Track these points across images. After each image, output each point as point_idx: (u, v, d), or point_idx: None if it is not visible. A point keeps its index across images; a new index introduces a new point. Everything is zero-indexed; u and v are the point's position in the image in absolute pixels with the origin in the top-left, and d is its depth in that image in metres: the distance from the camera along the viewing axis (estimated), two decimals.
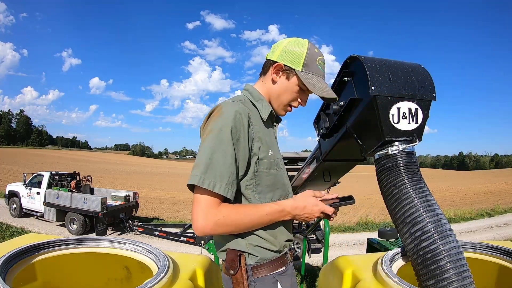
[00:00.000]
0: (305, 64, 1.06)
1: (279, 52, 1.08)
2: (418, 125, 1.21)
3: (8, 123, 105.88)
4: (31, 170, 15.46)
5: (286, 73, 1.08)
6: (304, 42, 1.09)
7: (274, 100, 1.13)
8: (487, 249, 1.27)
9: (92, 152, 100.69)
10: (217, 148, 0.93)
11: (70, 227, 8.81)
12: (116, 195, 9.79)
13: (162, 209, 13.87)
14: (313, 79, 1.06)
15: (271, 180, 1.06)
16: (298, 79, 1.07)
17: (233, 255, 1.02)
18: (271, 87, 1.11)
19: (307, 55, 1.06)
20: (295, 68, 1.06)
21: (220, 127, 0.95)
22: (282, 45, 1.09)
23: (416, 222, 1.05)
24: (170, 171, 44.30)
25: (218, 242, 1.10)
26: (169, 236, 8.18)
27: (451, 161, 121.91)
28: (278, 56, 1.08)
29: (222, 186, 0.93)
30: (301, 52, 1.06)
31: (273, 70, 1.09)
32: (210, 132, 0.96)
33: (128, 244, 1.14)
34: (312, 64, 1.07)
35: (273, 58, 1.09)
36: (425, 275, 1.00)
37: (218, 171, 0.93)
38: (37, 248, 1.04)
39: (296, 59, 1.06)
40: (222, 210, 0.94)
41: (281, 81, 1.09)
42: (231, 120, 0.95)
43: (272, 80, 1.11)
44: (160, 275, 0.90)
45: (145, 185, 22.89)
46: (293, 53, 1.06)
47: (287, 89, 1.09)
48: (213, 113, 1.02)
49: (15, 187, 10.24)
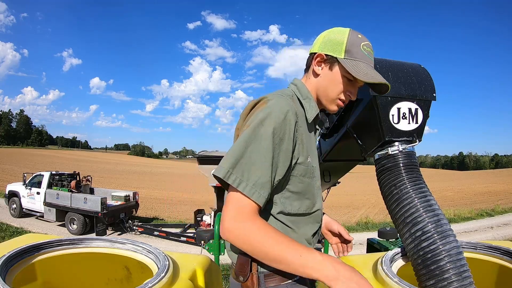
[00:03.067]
0: (347, 51, 0.97)
1: (320, 43, 1.01)
2: (418, 125, 1.21)
3: (8, 123, 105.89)
4: (31, 170, 15.46)
5: (328, 63, 0.99)
6: (345, 29, 1.00)
7: (322, 95, 1.03)
8: (487, 249, 1.27)
9: (92, 152, 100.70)
10: (253, 144, 0.83)
11: (70, 227, 8.82)
12: (116, 195, 9.79)
13: (162, 209, 13.87)
14: (357, 66, 0.96)
15: (301, 187, 0.96)
16: (342, 68, 0.97)
17: (244, 261, 0.92)
18: (315, 81, 1.03)
19: (349, 41, 0.97)
20: (337, 56, 0.97)
21: (261, 121, 0.85)
22: (323, 36, 1.02)
23: (416, 222, 1.05)
24: (170, 171, 44.31)
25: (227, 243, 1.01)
26: (169, 236, 8.18)
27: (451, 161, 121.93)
28: (319, 47, 1.01)
29: (248, 186, 0.81)
30: (341, 39, 0.98)
31: (315, 62, 1.01)
32: (249, 125, 0.86)
33: (128, 244, 1.14)
34: (355, 49, 0.97)
35: (314, 50, 1.02)
36: (425, 275, 1.00)
37: (247, 168, 0.82)
38: (37, 248, 1.04)
39: (337, 46, 0.98)
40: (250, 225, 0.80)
41: (324, 72, 1.00)
42: (276, 117, 0.85)
43: (314, 73, 1.02)
44: (160, 275, 0.90)
45: (145, 185, 22.89)
46: (334, 41, 0.98)
47: (331, 80, 0.99)
48: (257, 105, 0.92)
49: (15, 187, 10.25)
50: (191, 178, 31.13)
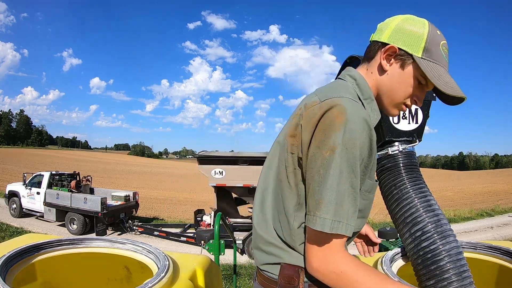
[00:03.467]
0: (426, 49, 0.80)
1: (390, 31, 0.82)
2: (418, 125, 1.21)
3: (8, 123, 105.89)
4: (31, 170, 15.46)
5: (400, 60, 0.82)
6: (424, 21, 0.83)
7: (385, 96, 0.86)
8: (487, 249, 1.27)
9: (92, 152, 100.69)
10: (344, 176, 0.71)
11: (70, 227, 8.82)
12: (116, 195, 9.80)
13: (162, 209, 13.88)
14: (437, 70, 0.80)
15: (364, 204, 0.84)
16: (417, 69, 0.81)
17: (292, 271, 0.81)
18: (379, 78, 0.85)
19: (429, 37, 0.80)
20: (413, 53, 0.80)
21: (345, 145, 0.70)
22: (395, 23, 0.83)
23: (416, 222, 1.05)
24: (170, 171, 44.31)
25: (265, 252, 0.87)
26: (169, 236, 8.19)
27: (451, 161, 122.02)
28: (389, 36, 0.82)
29: (349, 227, 0.72)
30: (421, 32, 0.80)
31: (383, 55, 0.82)
32: (333, 150, 0.70)
33: (128, 244, 1.14)
34: (435, 49, 0.80)
35: (382, 39, 0.83)
36: (425, 275, 1.00)
37: (346, 207, 0.71)
38: (37, 248, 1.04)
39: (414, 41, 0.80)
40: (342, 263, 0.74)
41: (393, 70, 0.83)
42: (360, 134, 0.72)
43: (381, 68, 0.84)
44: (160, 275, 0.90)
45: (145, 185, 22.89)
46: (410, 33, 0.80)
47: (401, 81, 0.83)
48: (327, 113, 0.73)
49: (15, 187, 10.25)
50: (191, 178, 31.13)
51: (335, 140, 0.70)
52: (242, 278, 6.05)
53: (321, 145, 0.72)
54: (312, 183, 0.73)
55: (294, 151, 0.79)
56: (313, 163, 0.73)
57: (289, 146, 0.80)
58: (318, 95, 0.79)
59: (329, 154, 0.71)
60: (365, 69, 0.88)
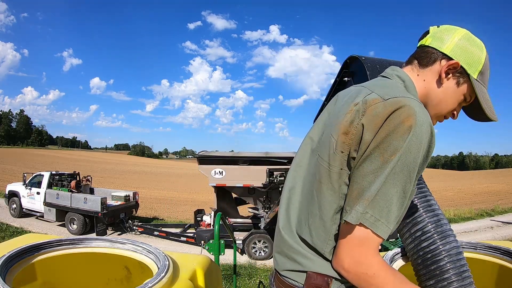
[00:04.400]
0: (481, 73, 0.82)
1: (453, 45, 0.82)
2: None
3: (8, 123, 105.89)
4: (31, 170, 15.47)
5: (457, 77, 0.82)
6: (482, 44, 0.85)
7: (432, 106, 0.85)
8: (487, 249, 1.27)
9: (92, 152, 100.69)
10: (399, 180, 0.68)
11: (70, 227, 8.82)
12: (116, 195, 9.80)
13: (162, 209, 13.88)
14: (484, 93, 0.84)
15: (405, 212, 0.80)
16: (469, 88, 0.83)
17: (321, 281, 0.77)
18: (432, 88, 0.84)
19: (486, 61, 0.83)
20: (471, 73, 0.81)
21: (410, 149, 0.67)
22: (457, 38, 0.83)
23: (416, 223, 1.05)
24: (170, 171, 44.32)
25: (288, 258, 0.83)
26: (169, 236, 8.19)
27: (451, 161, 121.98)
28: (452, 50, 0.82)
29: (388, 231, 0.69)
30: (480, 56, 0.82)
31: (445, 69, 0.81)
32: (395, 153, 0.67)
33: (128, 244, 1.14)
34: (486, 73, 0.84)
35: (444, 50, 0.82)
36: (425, 275, 1.00)
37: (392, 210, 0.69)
38: (37, 248, 1.04)
39: (474, 62, 0.81)
40: (375, 265, 0.71)
41: (449, 85, 0.83)
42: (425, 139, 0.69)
43: (438, 80, 0.83)
44: (160, 275, 0.90)
45: (145, 185, 22.90)
46: (472, 54, 0.82)
47: (452, 96, 0.84)
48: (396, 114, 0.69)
49: (15, 187, 10.25)
50: (191, 178, 31.14)
51: (400, 144, 0.67)
52: (242, 278, 6.06)
53: (382, 146, 0.68)
54: (362, 181, 0.70)
55: (345, 149, 0.73)
56: (369, 162, 0.69)
57: (339, 144, 0.74)
58: (376, 92, 0.74)
59: (391, 157, 0.67)
60: (415, 73, 0.86)
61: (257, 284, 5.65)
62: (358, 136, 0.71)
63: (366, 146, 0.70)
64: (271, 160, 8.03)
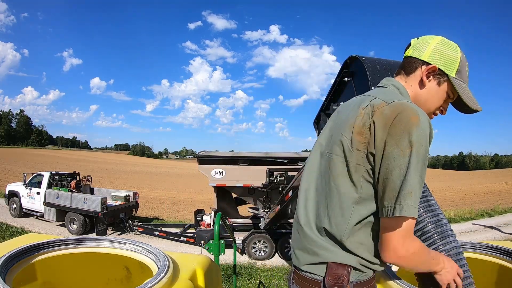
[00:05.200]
0: (458, 71, 0.96)
1: (430, 52, 0.96)
2: None
3: (8, 123, 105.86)
4: (31, 170, 15.47)
5: (437, 78, 0.97)
6: (457, 46, 0.99)
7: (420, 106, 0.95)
8: (487, 249, 1.27)
9: (92, 152, 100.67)
10: (419, 169, 0.81)
11: (70, 227, 8.82)
12: (116, 195, 9.80)
13: (162, 209, 13.88)
14: (464, 88, 0.97)
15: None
16: (449, 86, 0.97)
17: (342, 270, 0.87)
18: (418, 91, 0.98)
19: (461, 61, 0.96)
20: (448, 73, 0.96)
21: (421, 142, 0.81)
22: (433, 45, 0.97)
23: (416, 223, 1.06)
24: (170, 171, 44.32)
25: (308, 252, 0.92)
26: (169, 236, 8.19)
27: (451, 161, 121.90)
28: (430, 56, 0.96)
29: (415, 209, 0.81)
30: (456, 56, 0.96)
31: (425, 73, 0.96)
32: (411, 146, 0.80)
33: (128, 244, 1.14)
34: (464, 70, 0.97)
35: (423, 58, 0.97)
36: (425, 275, 1.00)
37: (418, 195, 0.81)
38: (37, 248, 1.04)
39: (450, 63, 0.96)
40: (416, 242, 0.86)
41: (431, 85, 0.97)
42: (428, 131, 0.83)
43: (421, 83, 0.98)
44: (160, 275, 0.90)
45: (145, 185, 22.90)
46: (448, 56, 0.96)
47: (435, 95, 0.98)
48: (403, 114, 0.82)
49: (15, 187, 10.24)
50: (191, 178, 31.14)
51: (412, 138, 0.80)
52: (242, 278, 6.06)
53: (399, 142, 0.81)
54: (391, 176, 0.81)
55: (361, 147, 0.85)
56: (392, 158, 0.81)
57: (355, 143, 0.86)
58: (380, 97, 0.88)
59: (408, 150, 0.80)
60: (403, 81, 1.01)
61: (257, 284, 5.65)
62: (371, 135, 0.84)
63: (381, 142, 0.83)
64: (271, 160, 8.03)
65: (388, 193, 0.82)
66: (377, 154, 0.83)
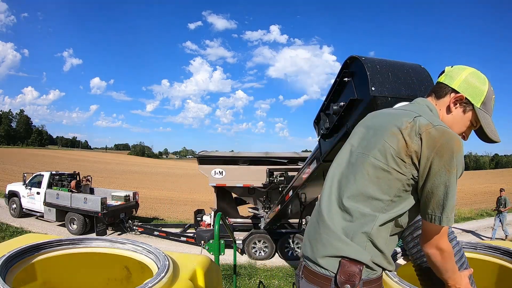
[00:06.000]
0: (484, 103, 1.04)
1: (460, 82, 1.05)
2: None
3: (8, 123, 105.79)
4: (31, 170, 15.46)
5: (463, 106, 1.05)
6: (485, 79, 1.06)
7: None
8: (487, 249, 1.27)
9: (92, 152, 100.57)
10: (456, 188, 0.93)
11: (70, 227, 8.81)
12: (116, 195, 9.79)
13: (162, 209, 13.87)
14: (487, 119, 1.05)
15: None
16: (474, 115, 1.05)
17: (355, 268, 0.90)
18: (445, 115, 1.07)
19: (488, 93, 1.04)
20: (474, 103, 1.04)
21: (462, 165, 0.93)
22: (464, 75, 1.05)
23: (418, 226, 1.06)
24: (170, 171, 44.29)
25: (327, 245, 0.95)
26: (169, 236, 8.18)
27: None
28: (459, 86, 1.04)
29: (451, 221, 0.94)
30: (483, 89, 1.04)
31: (453, 100, 1.05)
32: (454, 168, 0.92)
33: (128, 244, 1.14)
34: (489, 102, 1.05)
35: (453, 86, 1.05)
36: (427, 275, 1.01)
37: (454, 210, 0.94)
38: (37, 248, 1.04)
39: (477, 94, 1.03)
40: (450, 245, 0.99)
41: (457, 112, 1.05)
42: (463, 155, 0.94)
43: (448, 109, 1.06)
44: (160, 275, 0.90)
45: (145, 185, 22.88)
46: (476, 88, 1.04)
47: (460, 121, 1.06)
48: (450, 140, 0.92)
49: (15, 187, 10.24)
50: (191, 178, 31.13)
51: (455, 161, 0.91)
52: (242, 278, 6.05)
53: (447, 164, 0.91)
54: (437, 191, 0.92)
55: (404, 158, 0.93)
56: (439, 175, 0.91)
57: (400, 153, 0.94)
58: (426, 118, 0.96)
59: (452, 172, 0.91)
60: (434, 103, 1.08)
61: (257, 284, 5.65)
62: (418, 149, 0.92)
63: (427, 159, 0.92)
64: (271, 160, 8.02)
65: (433, 204, 0.92)
66: (421, 169, 0.92)
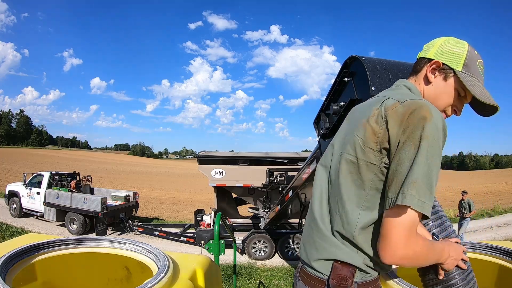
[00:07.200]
0: (465, 65, 0.94)
1: (435, 50, 0.97)
2: None
3: (8, 123, 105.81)
4: (31, 170, 15.46)
5: (443, 73, 0.95)
6: (465, 43, 0.97)
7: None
8: (487, 249, 1.27)
9: (92, 152, 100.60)
10: (433, 162, 0.79)
11: (70, 227, 8.81)
12: (116, 195, 9.80)
13: (162, 209, 13.88)
14: (474, 82, 0.93)
15: None
16: (457, 81, 0.94)
17: (346, 272, 0.87)
18: (425, 87, 0.98)
19: (468, 55, 0.94)
20: (454, 67, 0.94)
21: (434, 136, 0.79)
22: (438, 44, 0.98)
23: None
24: (170, 171, 44.30)
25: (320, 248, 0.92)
26: (169, 236, 8.19)
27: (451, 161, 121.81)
28: (435, 54, 0.97)
29: (430, 207, 0.78)
30: (461, 52, 0.95)
31: (429, 69, 0.96)
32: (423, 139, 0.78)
33: (128, 244, 1.14)
34: (472, 65, 0.94)
35: (428, 55, 0.98)
36: (431, 280, 1.01)
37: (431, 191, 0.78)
38: (37, 248, 1.04)
39: (455, 58, 0.94)
40: (419, 239, 0.82)
41: (437, 81, 0.96)
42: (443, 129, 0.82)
43: (426, 79, 0.98)
44: (160, 275, 0.90)
45: (145, 185, 22.89)
46: (452, 52, 0.95)
47: (443, 91, 0.96)
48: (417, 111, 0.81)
49: (15, 187, 10.24)
50: (191, 178, 31.14)
51: (424, 131, 0.79)
52: (242, 278, 6.05)
53: (412, 136, 0.80)
54: (400, 167, 0.80)
55: (373, 146, 0.85)
56: (403, 151, 0.80)
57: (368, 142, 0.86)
58: (392, 97, 0.88)
59: (421, 143, 0.78)
60: (413, 80, 1.01)
61: (257, 284, 5.65)
62: (385, 133, 0.84)
63: (396, 138, 0.82)
64: (271, 160, 8.03)
65: (394, 185, 0.80)
66: (392, 150, 0.83)
